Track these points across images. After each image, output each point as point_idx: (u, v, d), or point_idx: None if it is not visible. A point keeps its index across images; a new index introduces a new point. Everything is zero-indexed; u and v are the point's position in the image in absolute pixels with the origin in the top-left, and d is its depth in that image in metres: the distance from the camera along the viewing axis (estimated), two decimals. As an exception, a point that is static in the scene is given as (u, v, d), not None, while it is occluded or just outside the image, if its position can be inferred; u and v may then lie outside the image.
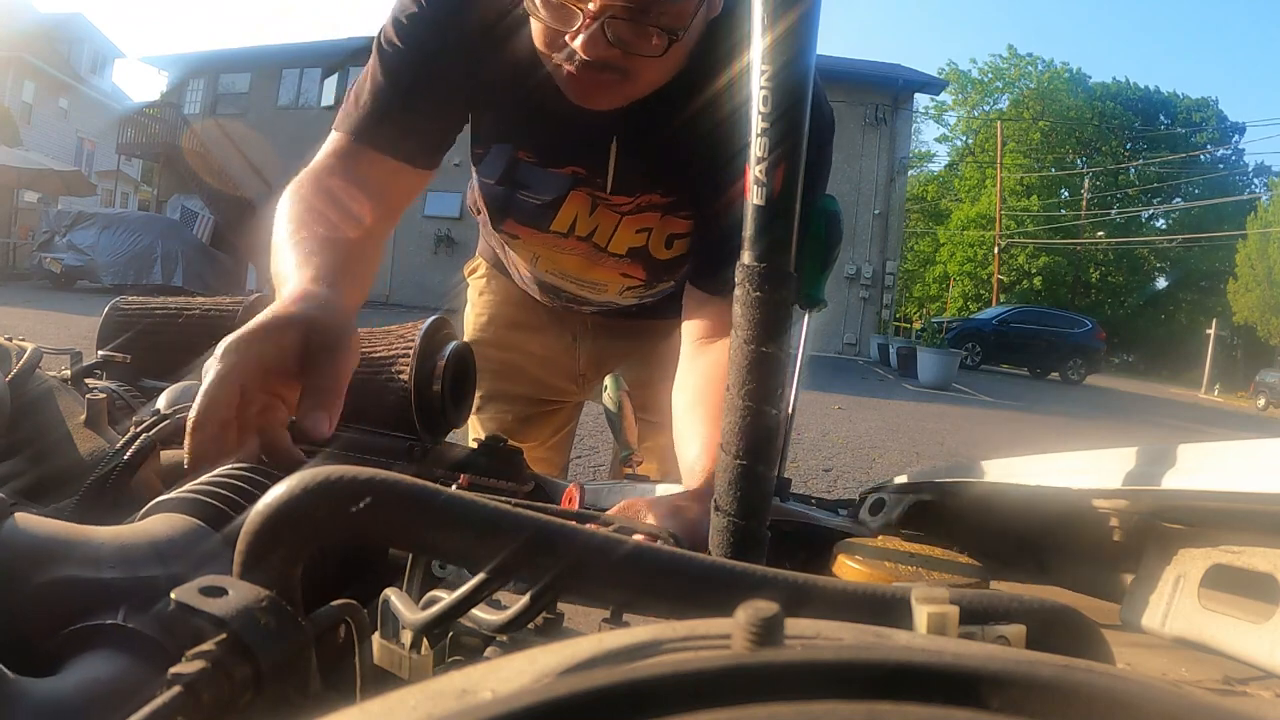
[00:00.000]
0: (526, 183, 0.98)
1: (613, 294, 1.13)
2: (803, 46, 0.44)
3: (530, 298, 1.33)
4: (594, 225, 1.00)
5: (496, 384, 1.33)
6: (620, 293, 1.12)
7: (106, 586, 0.36)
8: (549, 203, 0.98)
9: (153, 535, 0.40)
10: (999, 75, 37.18)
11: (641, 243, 1.00)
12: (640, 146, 0.91)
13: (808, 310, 0.79)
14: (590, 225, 1.00)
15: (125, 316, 0.93)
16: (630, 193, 0.96)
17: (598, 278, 1.08)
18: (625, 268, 1.04)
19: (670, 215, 0.98)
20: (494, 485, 0.81)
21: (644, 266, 1.03)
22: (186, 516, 0.43)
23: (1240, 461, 0.49)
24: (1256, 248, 26.81)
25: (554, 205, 0.98)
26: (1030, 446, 0.77)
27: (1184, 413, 13.74)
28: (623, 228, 0.99)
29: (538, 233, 1.02)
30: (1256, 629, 0.52)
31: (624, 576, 0.29)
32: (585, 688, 0.16)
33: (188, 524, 0.42)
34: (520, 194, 0.99)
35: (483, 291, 1.38)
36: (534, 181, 0.98)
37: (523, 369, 1.35)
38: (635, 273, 1.05)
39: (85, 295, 11.75)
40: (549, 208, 0.99)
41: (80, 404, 0.62)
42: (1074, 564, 0.73)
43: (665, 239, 1.00)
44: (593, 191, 0.97)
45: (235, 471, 0.48)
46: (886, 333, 17.12)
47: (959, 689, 0.16)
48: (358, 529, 0.30)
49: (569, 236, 1.01)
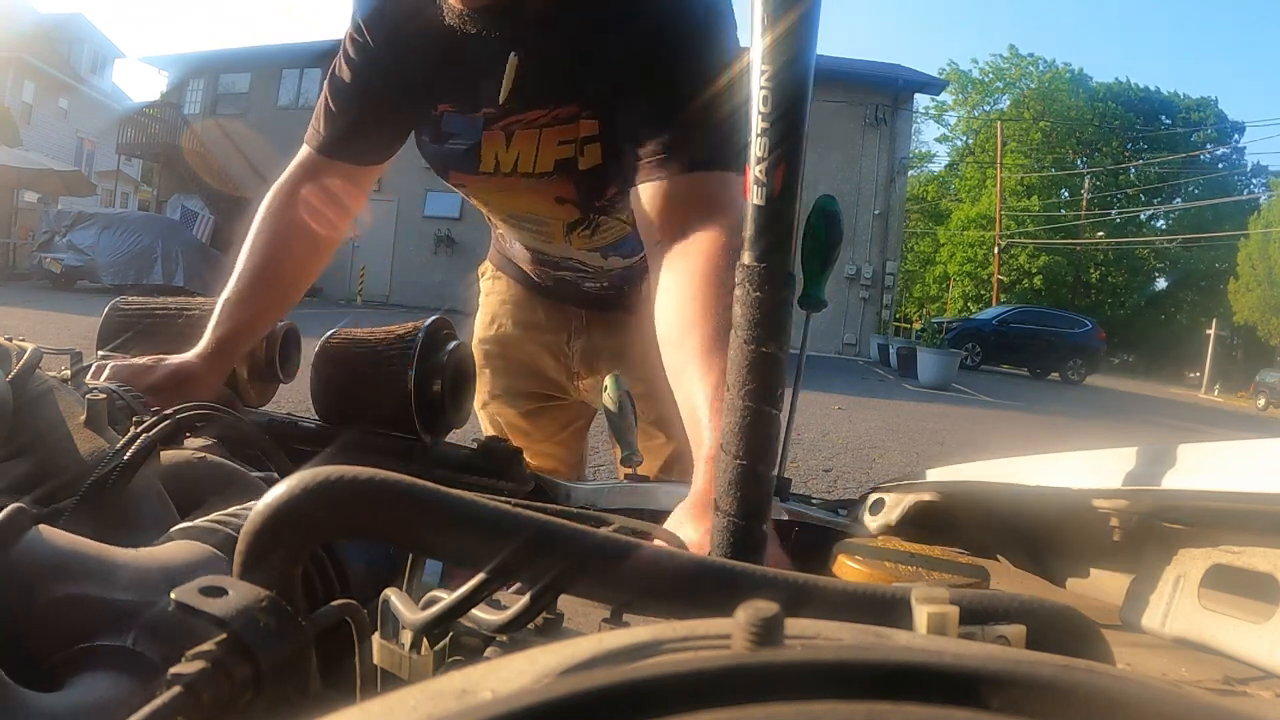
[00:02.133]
0: (451, 130, 1.05)
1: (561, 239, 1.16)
2: (803, 46, 0.44)
3: (531, 295, 1.39)
4: (514, 155, 1.04)
5: (504, 380, 1.40)
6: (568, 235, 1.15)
7: (118, 608, 0.36)
8: (471, 147, 1.04)
9: (169, 561, 0.40)
10: (999, 75, 37.20)
11: (568, 154, 1.02)
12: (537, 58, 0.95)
13: (808, 310, 0.79)
14: (511, 158, 1.04)
15: (125, 316, 0.93)
16: (542, 105, 0.99)
17: (535, 210, 1.12)
18: (556, 188, 1.06)
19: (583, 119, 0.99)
20: (494, 485, 0.81)
21: (573, 181, 1.05)
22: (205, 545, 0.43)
23: (1240, 461, 0.49)
24: (1257, 248, 26.81)
25: (475, 149, 1.04)
26: (1030, 446, 0.77)
27: (1184, 413, 13.74)
28: (544, 143, 1.02)
29: (473, 176, 1.08)
30: (1256, 629, 0.52)
31: (624, 576, 0.29)
32: (585, 688, 0.16)
33: (205, 553, 0.42)
34: (449, 144, 1.06)
35: (489, 292, 1.45)
36: (457, 128, 1.04)
37: (526, 365, 1.40)
38: (565, 192, 1.06)
39: (85, 295, 11.75)
40: (472, 152, 1.05)
41: (80, 404, 0.62)
42: (1074, 564, 0.73)
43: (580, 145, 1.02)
44: (503, 124, 1.01)
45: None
46: (886, 333, 17.12)
47: (959, 689, 0.16)
48: (358, 529, 0.30)
49: (496, 175, 1.06)
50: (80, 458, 0.55)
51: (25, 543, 0.36)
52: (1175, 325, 32.83)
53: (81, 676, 0.34)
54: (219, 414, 0.62)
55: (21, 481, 0.53)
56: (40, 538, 0.37)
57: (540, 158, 1.03)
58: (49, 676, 0.34)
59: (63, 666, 0.34)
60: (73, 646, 0.35)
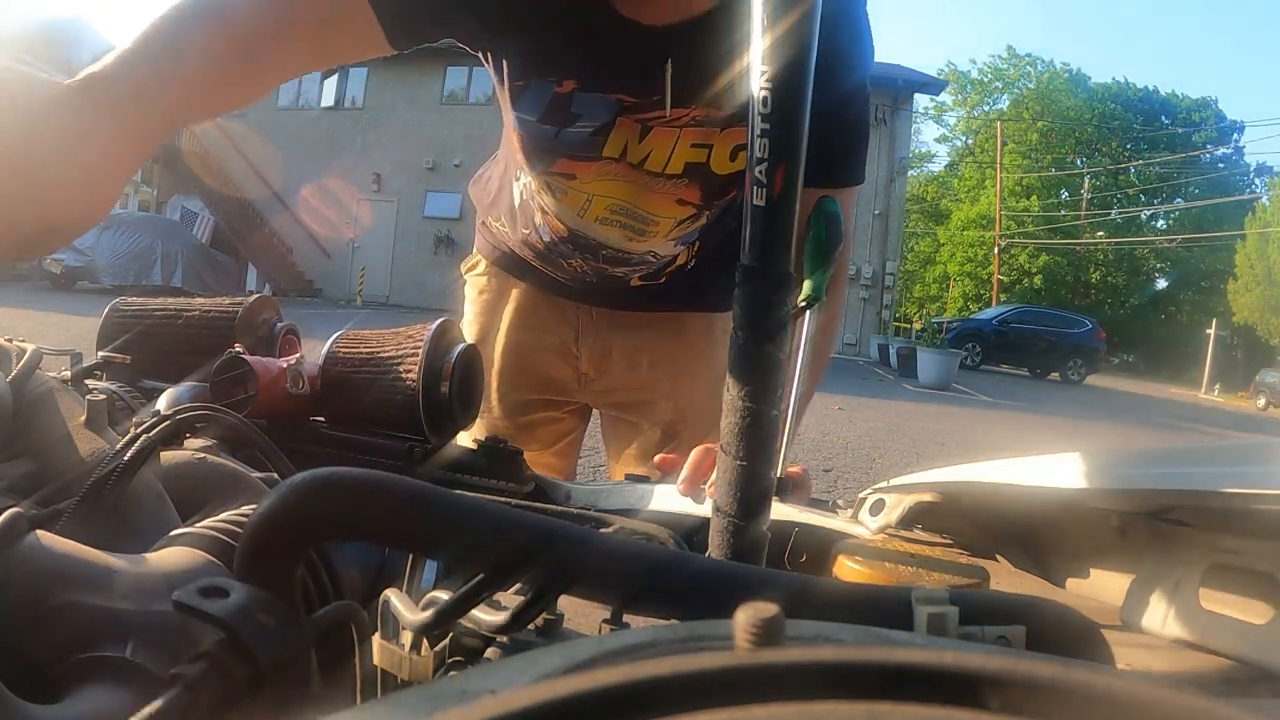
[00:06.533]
0: (579, 112, 0.94)
1: (661, 236, 1.10)
2: (803, 46, 0.44)
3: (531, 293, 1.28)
4: (647, 151, 0.97)
5: (500, 387, 1.29)
6: (669, 232, 1.09)
7: (117, 617, 0.36)
8: (599, 128, 0.95)
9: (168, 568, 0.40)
10: (999, 76, 37.22)
11: (701, 158, 0.97)
12: (693, 66, 0.89)
13: (808, 311, 0.79)
14: (642, 152, 0.97)
15: (125, 317, 0.93)
16: (689, 105, 0.93)
17: (653, 208, 1.05)
18: (681, 191, 1.01)
19: (731, 128, 0.95)
20: (494, 486, 0.81)
21: (700, 185, 1.01)
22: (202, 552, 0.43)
23: (1240, 461, 0.49)
24: (1256, 248, 26.82)
25: (604, 130, 0.95)
26: (1030, 446, 0.77)
27: (1184, 413, 13.74)
28: (681, 143, 0.96)
29: (592, 163, 0.99)
30: (1256, 629, 0.52)
31: (624, 576, 0.29)
32: (585, 688, 0.16)
33: (203, 560, 0.42)
34: (573, 127, 0.95)
35: (483, 290, 1.33)
36: (585, 109, 0.94)
37: (526, 371, 1.30)
38: (690, 195, 1.02)
39: (85, 296, 11.75)
40: (599, 133, 0.96)
41: (80, 405, 0.62)
42: (1074, 564, 0.73)
43: (730, 151, 0.97)
44: (641, 117, 0.94)
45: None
46: (886, 333, 17.13)
47: (959, 689, 0.16)
48: (358, 530, 0.30)
49: (620, 162, 0.98)
50: (80, 459, 0.55)
51: (23, 549, 0.36)
52: (1175, 325, 32.85)
53: (81, 689, 0.34)
54: (220, 414, 0.62)
55: (21, 483, 0.53)
56: (38, 544, 0.37)
57: (674, 158, 0.97)
58: (48, 687, 0.34)
59: (62, 677, 0.34)
60: (71, 655, 0.34)
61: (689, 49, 0.87)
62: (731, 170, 0.98)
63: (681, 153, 0.96)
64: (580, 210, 1.07)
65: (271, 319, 0.97)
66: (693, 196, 1.02)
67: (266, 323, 0.96)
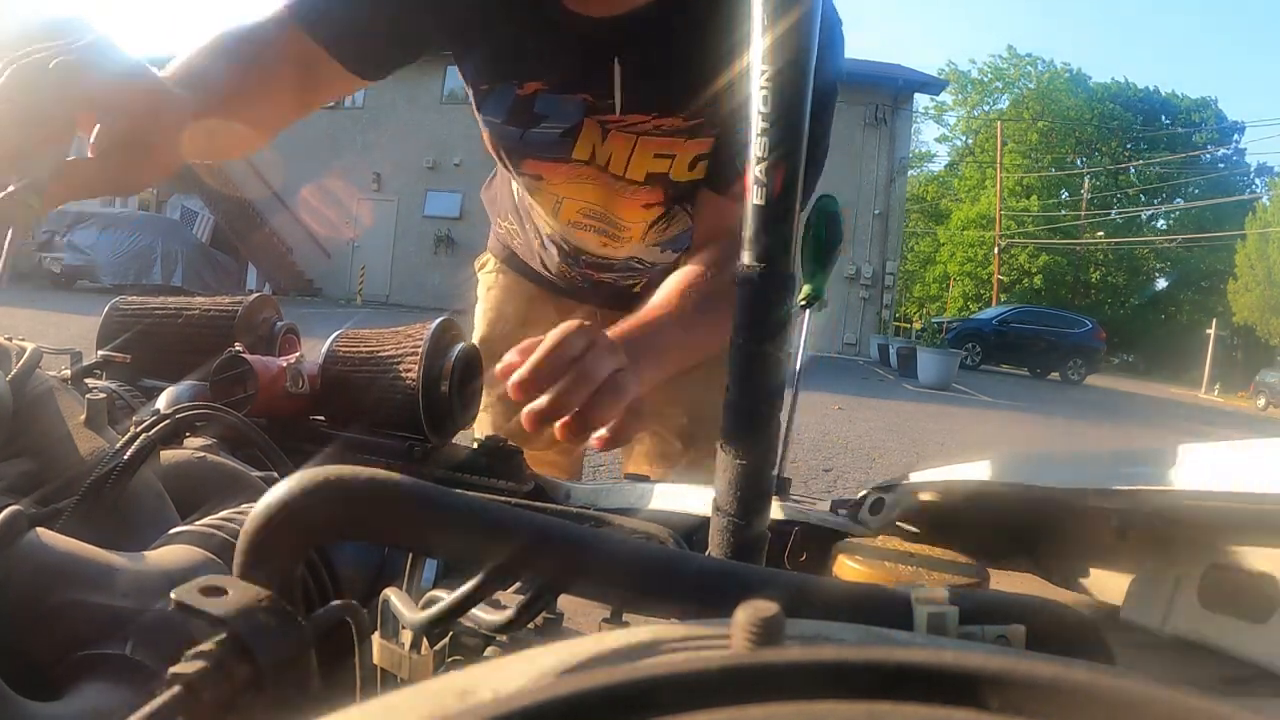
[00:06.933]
0: (545, 113, 0.96)
1: (637, 240, 1.11)
2: (803, 46, 0.44)
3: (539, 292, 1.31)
4: (608, 154, 0.98)
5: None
6: (644, 235, 1.10)
7: (117, 615, 0.36)
8: (569, 129, 0.96)
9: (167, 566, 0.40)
10: (999, 75, 37.21)
11: (663, 169, 0.98)
12: (644, 65, 0.90)
13: (808, 310, 0.79)
14: (605, 154, 0.98)
15: (125, 316, 0.93)
16: (645, 111, 0.94)
17: (621, 213, 1.07)
18: (645, 196, 1.03)
19: (694, 139, 0.96)
20: (494, 485, 0.81)
21: (663, 189, 1.02)
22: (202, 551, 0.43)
23: (1240, 461, 0.49)
24: (1256, 248, 26.83)
25: (572, 132, 0.96)
26: (1030, 446, 0.77)
27: (1184, 413, 13.74)
28: (639, 151, 0.97)
29: (561, 165, 1.00)
30: (1256, 629, 0.52)
31: (624, 576, 0.29)
32: (585, 688, 0.16)
33: (202, 558, 0.42)
34: (538, 127, 0.97)
35: (491, 287, 1.37)
36: (551, 110, 0.95)
37: None
38: (654, 198, 1.04)
39: (85, 295, 11.74)
40: (569, 135, 0.97)
41: (80, 404, 0.62)
42: (1074, 564, 0.73)
43: (689, 162, 0.98)
44: (601, 118, 0.95)
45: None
46: (886, 333, 17.12)
47: (959, 689, 0.16)
48: (358, 529, 0.30)
49: (590, 164, 1.00)
50: (80, 458, 0.55)
51: (23, 547, 0.36)
52: (1175, 325, 32.83)
53: (81, 686, 0.34)
54: (220, 413, 0.62)
55: (21, 482, 0.53)
56: (38, 542, 0.37)
57: (632, 165, 0.98)
58: (48, 684, 0.34)
59: (62, 675, 0.34)
60: (71, 653, 0.34)
61: (640, 47, 0.89)
62: (690, 178, 1.00)
63: (642, 160, 0.98)
64: (553, 211, 1.11)
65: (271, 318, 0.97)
66: (656, 199, 1.04)
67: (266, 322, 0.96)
